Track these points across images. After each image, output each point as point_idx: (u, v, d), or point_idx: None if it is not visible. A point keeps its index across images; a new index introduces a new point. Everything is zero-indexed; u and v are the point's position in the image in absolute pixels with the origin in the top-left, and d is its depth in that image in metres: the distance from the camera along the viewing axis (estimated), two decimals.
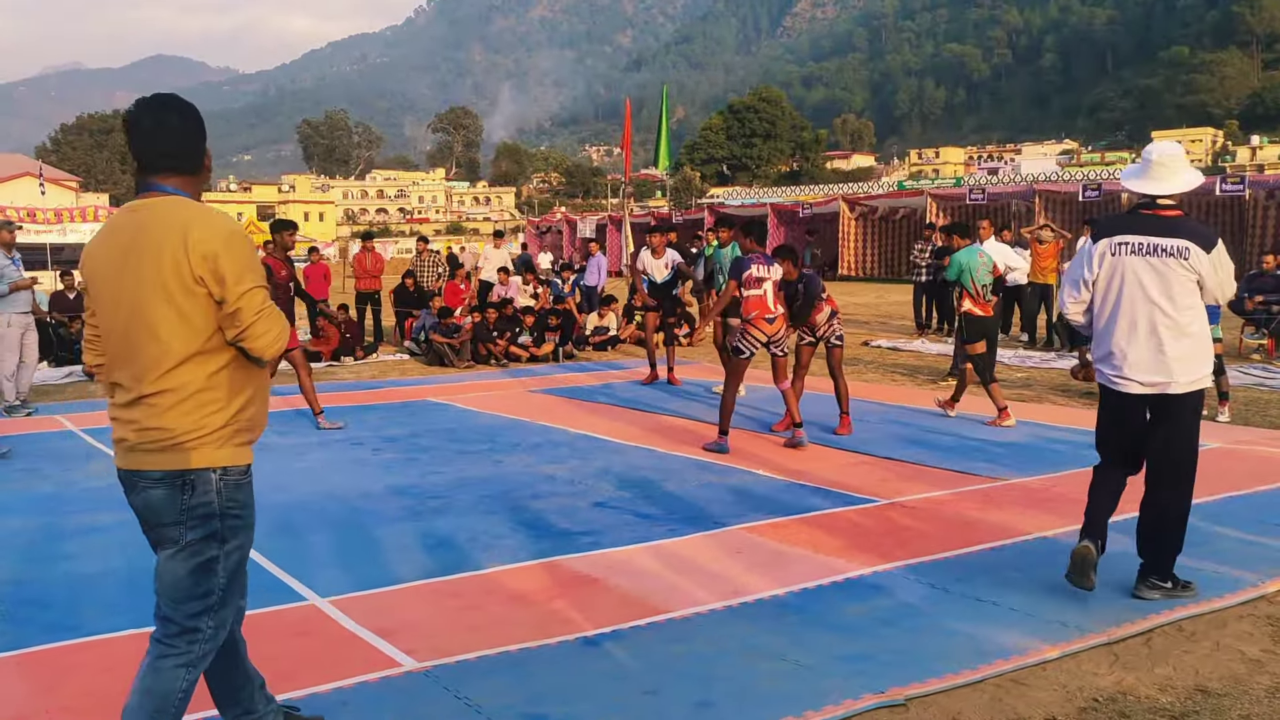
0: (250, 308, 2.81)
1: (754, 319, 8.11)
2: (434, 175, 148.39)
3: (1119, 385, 4.61)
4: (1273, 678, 3.78)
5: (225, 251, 2.79)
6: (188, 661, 2.87)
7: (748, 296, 8.14)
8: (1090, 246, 4.75)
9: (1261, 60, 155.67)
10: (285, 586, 4.93)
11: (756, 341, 8.16)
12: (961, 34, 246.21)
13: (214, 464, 2.84)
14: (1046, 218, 27.55)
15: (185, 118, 2.96)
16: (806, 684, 3.76)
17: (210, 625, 2.90)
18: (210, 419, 2.83)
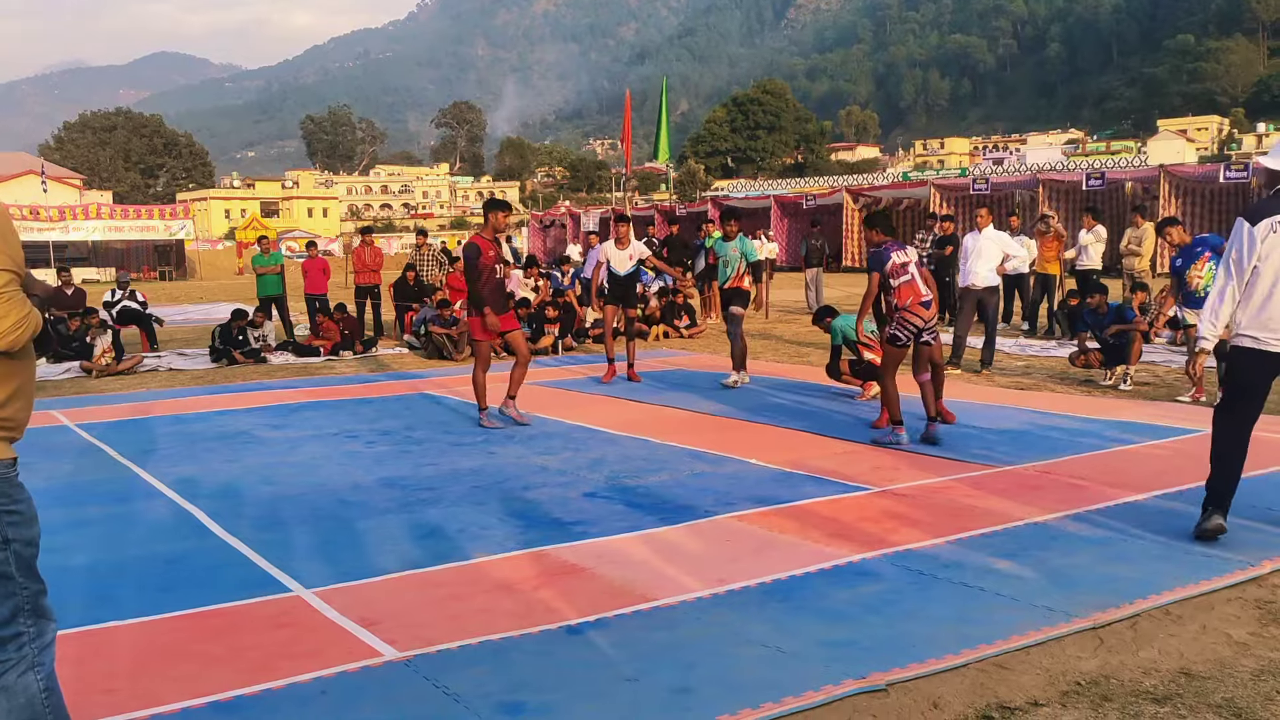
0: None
1: (910, 305, 7.74)
2: (438, 170, 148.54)
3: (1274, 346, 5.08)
4: (1258, 660, 3.75)
5: None
6: (28, 665, 2.68)
7: (898, 285, 7.79)
8: (1248, 229, 5.08)
9: (1268, 48, 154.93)
10: (270, 578, 4.92)
11: (912, 328, 7.79)
12: (966, 24, 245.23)
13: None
14: (1049, 208, 27.45)
15: None
16: (788, 670, 3.74)
17: (30, 624, 2.69)
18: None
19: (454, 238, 74.62)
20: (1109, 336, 10.59)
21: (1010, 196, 31.68)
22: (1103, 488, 6.24)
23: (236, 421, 9.54)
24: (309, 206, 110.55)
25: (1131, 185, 29.65)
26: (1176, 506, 5.80)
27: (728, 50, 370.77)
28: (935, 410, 7.96)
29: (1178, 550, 4.99)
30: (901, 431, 7.77)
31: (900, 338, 7.82)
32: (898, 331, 7.81)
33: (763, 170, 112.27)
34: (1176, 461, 6.94)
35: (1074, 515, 5.65)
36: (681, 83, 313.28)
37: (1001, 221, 17.12)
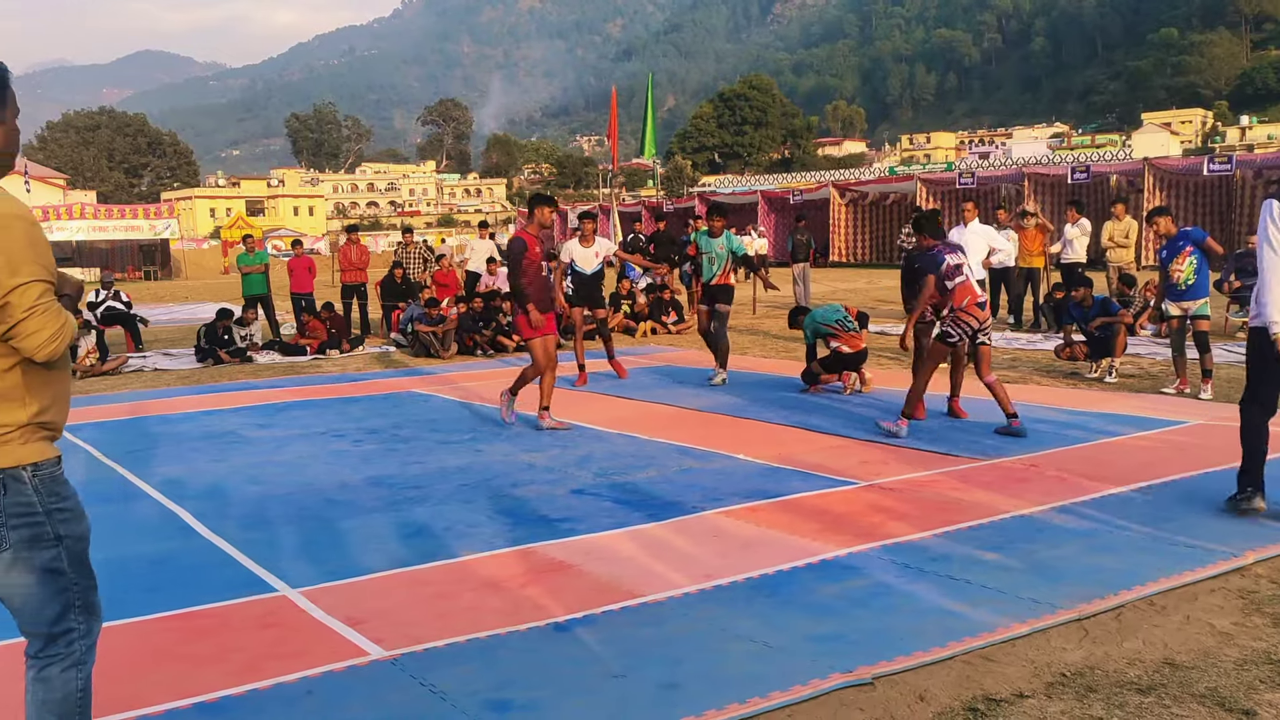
0: (21, 303, 2.52)
1: (966, 305, 7.85)
2: (424, 168, 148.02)
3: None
4: (1241, 650, 3.77)
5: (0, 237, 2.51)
6: (73, 662, 2.71)
7: (954, 287, 7.87)
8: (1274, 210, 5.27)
9: (1250, 41, 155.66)
10: (256, 578, 4.91)
11: (968, 329, 7.89)
12: (951, 19, 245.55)
13: (22, 461, 2.61)
14: (1035, 202, 27.52)
15: None
16: (775, 665, 3.74)
17: (80, 621, 2.72)
18: (13, 416, 2.60)
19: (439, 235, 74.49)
20: (1094, 329, 10.63)
21: (996, 190, 31.77)
22: (1088, 480, 6.26)
23: (222, 421, 9.51)
24: (295, 205, 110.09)
25: (1116, 178, 29.76)
26: (1162, 498, 5.83)
27: (714, 46, 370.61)
28: (1012, 408, 7.83)
29: (1162, 541, 5.01)
30: (905, 424, 7.81)
31: (953, 335, 7.90)
32: (950, 329, 7.90)
33: (750, 166, 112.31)
34: (1162, 453, 6.98)
35: (1060, 507, 5.68)
36: (668, 79, 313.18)
37: (988, 215, 17.18)
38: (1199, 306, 9.41)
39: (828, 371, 10.09)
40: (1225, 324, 14.04)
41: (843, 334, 9.97)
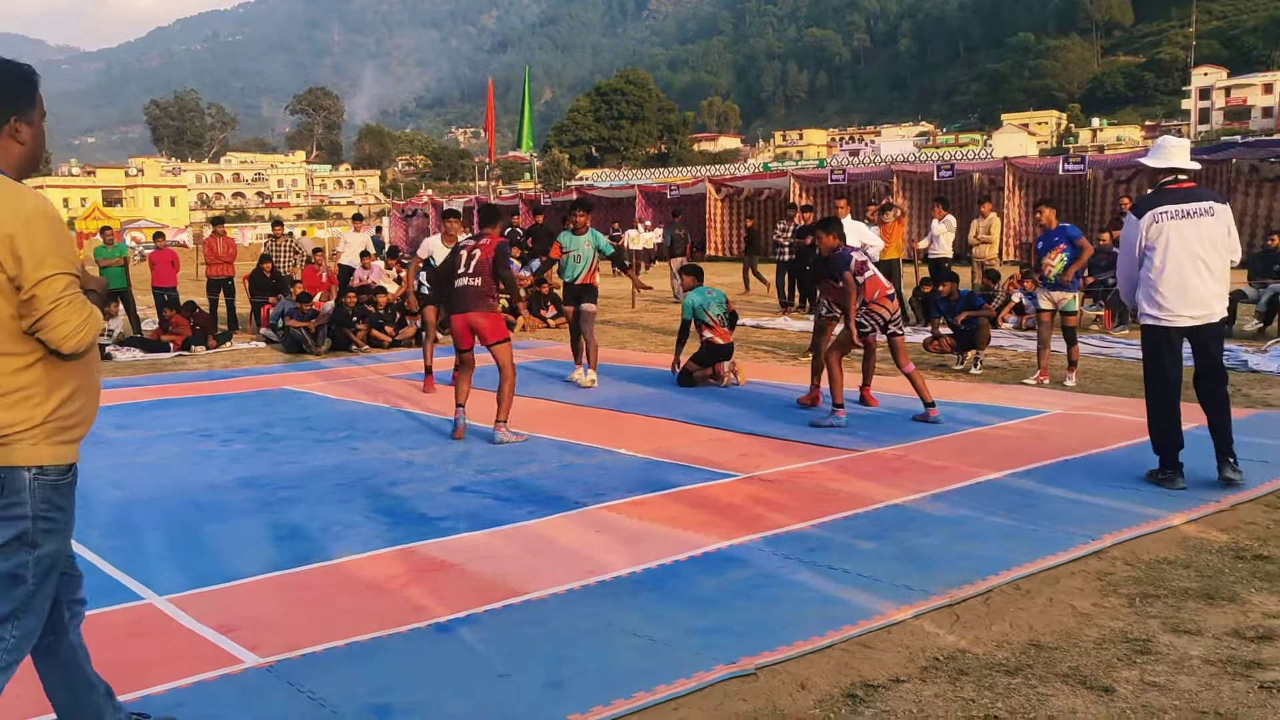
0: (47, 295, 2.57)
1: (878, 298, 8.21)
2: (293, 158, 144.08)
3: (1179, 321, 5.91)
4: (1100, 630, 3.96)
5: (24, 231, 2.57)
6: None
7: (865, 281, 8.20)
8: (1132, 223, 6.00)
9: (1101, 47, 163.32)
10: (120, 586, 4.70)
11: (880, 320, 8.23)
12: (822, 18, 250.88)
13: (30, 462, 2.61)
14: (902, 198, 28.34)
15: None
16: (660, 658, 3.77)
17: (14, 634, 2.65)
18: (27, 413, 2.60)
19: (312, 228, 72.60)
20: (960, 323, 11.00)
21: (866, 187, 32.58)
22: (958, 468, 6.48)
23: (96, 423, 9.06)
24: (155, 195, 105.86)
25: (979, 176, 30.85)
26: (1025, 484, 6.07)
27: (590, 40, 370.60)
28: (930, 397, 8.16)
29: (1026, 527, 5.23)
30: (842, 414, 7.99)
31: (866, 326, 8.24)
32: (864, 320, 8.23)
33: (627, 160, 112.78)
34: (1025, 442, 7.27)
35: (931, 496, 5.86)
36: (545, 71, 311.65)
37: (859, 212, 17.63)
38: (1068, 302, 9.86)
39: (701, 365, 10.20)
40: (1080, 317, 14.70)
41: (717, 326, 10.14)
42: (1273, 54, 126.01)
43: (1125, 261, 6.15)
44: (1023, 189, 29.31)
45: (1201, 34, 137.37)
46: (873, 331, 8.33)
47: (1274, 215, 24.62)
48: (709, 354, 10.17)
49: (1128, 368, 10.73)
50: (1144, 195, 6.13)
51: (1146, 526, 5.19)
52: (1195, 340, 5.99)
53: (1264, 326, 13.08)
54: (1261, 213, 24.68)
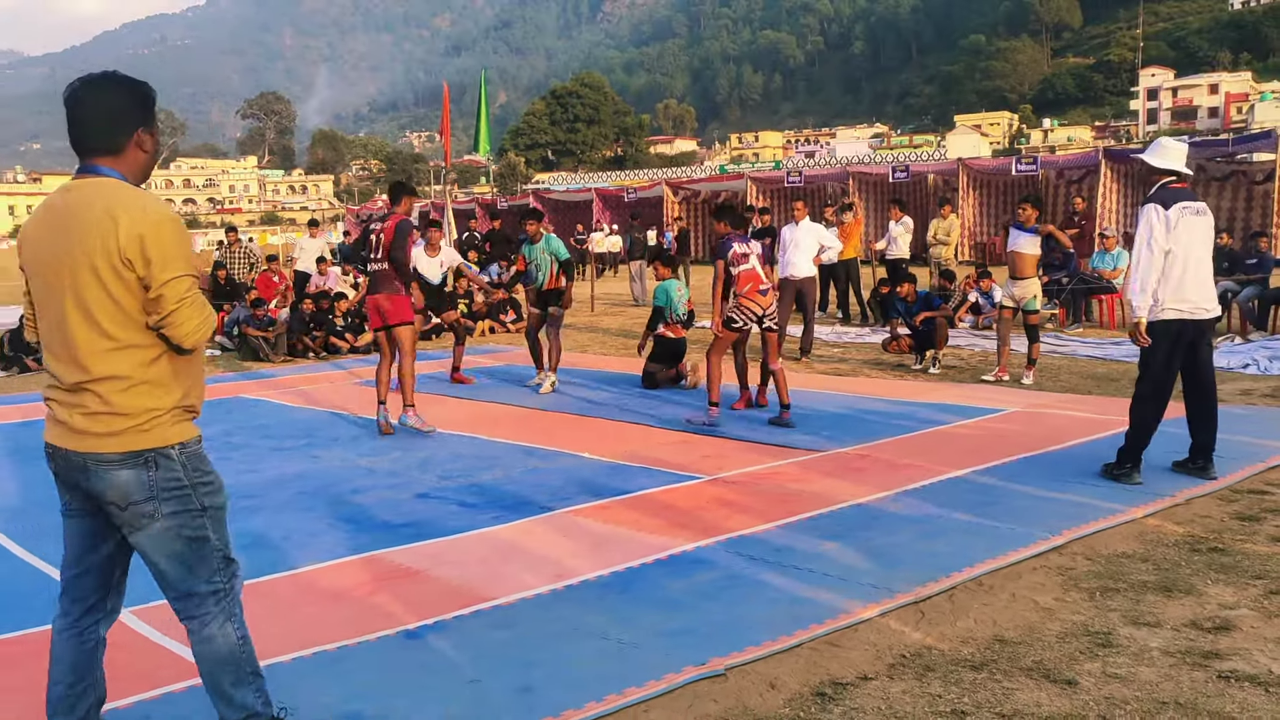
0: (173, 295, 2.78)
1: (748, 292, 8.05)
2: (245, 163, 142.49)
3: (1201, 314, 6.06)
4: (1062, 624, 4.02)
5: (153, 234, 2.77)
6: (227, 614, 2.99)
7: (738, 273, 8.09)
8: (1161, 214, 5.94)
9: (1051, 48, 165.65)
10: None
11: (751, 315, 8.09)
12: (776, 21, 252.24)
13: (171, 441, 2.88)
14: (859, 199, 28.60)
15: (119, 96, 2.91)
16: (629, 661, 3.77)
17: (224, 580, 3.01)
18: (161, 400, 2.86)
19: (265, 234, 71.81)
20: (918, 323, 11.12)
21: (823, 189, 32.83)
22: (919, 467, 6.55)
23: (32, 434, 8.88)
24: None
25: (934, 178, 31.21)
26: (987, 482, 6.15)
27: (544, 43, 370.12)
28: (788, 399, 8.14)
29: (987, 524, 5.30)
30: (715, 413, 8.01)
31: (736, 320, 8.10)
32: (734, 315, 8.11)
33: (583, 163, 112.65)
34: (985, 440, 7.36)
35: (894, 495, 5.92)
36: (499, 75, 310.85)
37: (816, 214, 17.74)
38: (1029, 300, 9.99)
39: (660, 364, 10.25)
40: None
41: (672, 324, 10.38)
42: (1217, 55, 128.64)
43: (1149, 255, 5.93)
44: (977, 189, 29.69)
45: (1148, 36, 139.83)
46: (744, 326, 8.20)
47: (1220, 213, 25.12)
48: (664, 351, 10.27)
49: (1083, 365, 10.91)
50: (1157, 190, 6.09)
51: (1105, 521, 5.29)
52: (1200, 337, 6.14)
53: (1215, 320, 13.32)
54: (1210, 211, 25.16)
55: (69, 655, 3.06)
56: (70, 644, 3.05)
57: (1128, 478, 6.02)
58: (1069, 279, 14.30)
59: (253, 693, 3.04)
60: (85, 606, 3.07)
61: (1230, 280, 13.41)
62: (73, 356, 2.80)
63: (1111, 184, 25.66)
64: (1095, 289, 14.32)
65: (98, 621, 3.10)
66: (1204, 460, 6.14)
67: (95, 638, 3.10)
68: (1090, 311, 14.53)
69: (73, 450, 2.85)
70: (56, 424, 2.89)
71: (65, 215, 2.82)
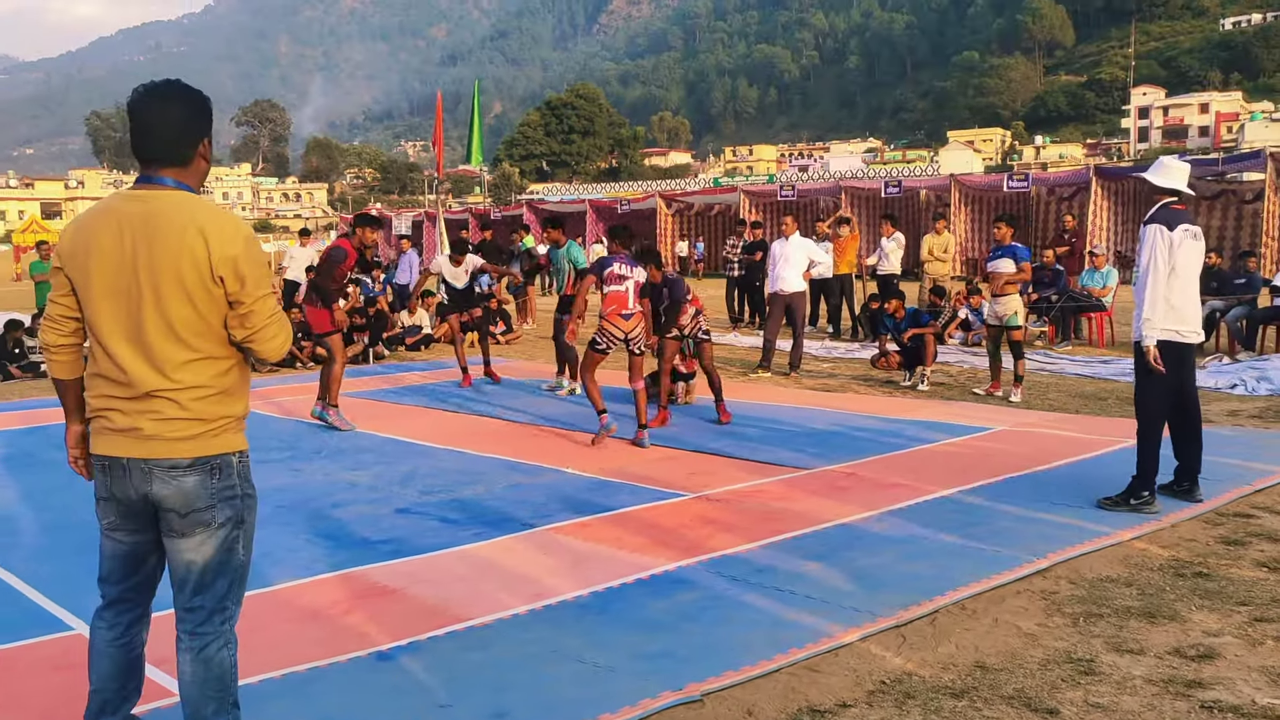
0: (264, 311, 2.91)
1: (610, 314, 8.14)
2: (239, 170, 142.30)
3: (1193, 338, 6.02)
4: (1045, 650, 3.97)
5: (245, 253, 2.86)
6: (225, 640, 3.00)
7: (608, 293, 8.16)
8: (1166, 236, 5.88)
9: (1044, 66, 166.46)
10: (49, 615, 4.55)
11: (613, 337, 8.15)
12: (772, 35, 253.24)
13: (234, 448, 2.98)
14: (851, 214, 28.59)
15: (185, 106, 2.93)
16: (604, 685, 3.71)
17: (234, 601, 3.04)
18: (233, 408, 2.96)
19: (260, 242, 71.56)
20: (907, 340, 11.09)
21: (816, 203, 32.85)
22: (905, 486, 6.50)
23: (12, 443, 8.83)
24: None
25: (926, 193, 31.25)
26: (972, 502, 6.10)
27: (540, 54, 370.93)
28: (645, 420, 8.15)
29: (971, 546, 5.24)
30: (605, 420, 8.10)
31: (600, 343, 8.24)
32: (597, 337, 8.24)
33: (578, 174, 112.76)
34: (972, 459, 7.31)
35: (879, 515, 5.87)
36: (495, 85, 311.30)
37: (808, 229, 17.75)
38: (1010, 317, 9.99)
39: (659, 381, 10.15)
40: (1024, 333, 14.89)
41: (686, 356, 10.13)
42: (1208, 75, 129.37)
43: (1158, 276, 5.83)
44: (969, 205, 29.72)
45: (1140, 55, 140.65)
46: (605, 347, 8.26)
47: (1210, 233, 25.18)
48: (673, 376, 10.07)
49: (1071, 384, 10.88)
50: (1160, 210, 6.04)
51: (1089, 544, 5.24)
52: (1187, 360, 6.11)
53: (1202, 344, 13.31)
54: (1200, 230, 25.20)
55: (118, 664, 3.11)
56: (119, 654, 3.10)
57: (1148, 506, 5.83)
58: (1058, 296, 14.29)
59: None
60: (132, 618, 3.12)
61: (1219, 300, 13.42)
62: (150, 365, 2.83)
63: (1102, 202, 25.70)
64: (1085, 307, 14.31)
65: (142, 630, 3.17)
66: (1189, 483, 6.09)
67: (140, 644, 3.18)
68: (1079, 329, 14.52)
69: (136, 458, 2.87)
70: (116, 434, 2.89)
71: (145, 227, 2.82)
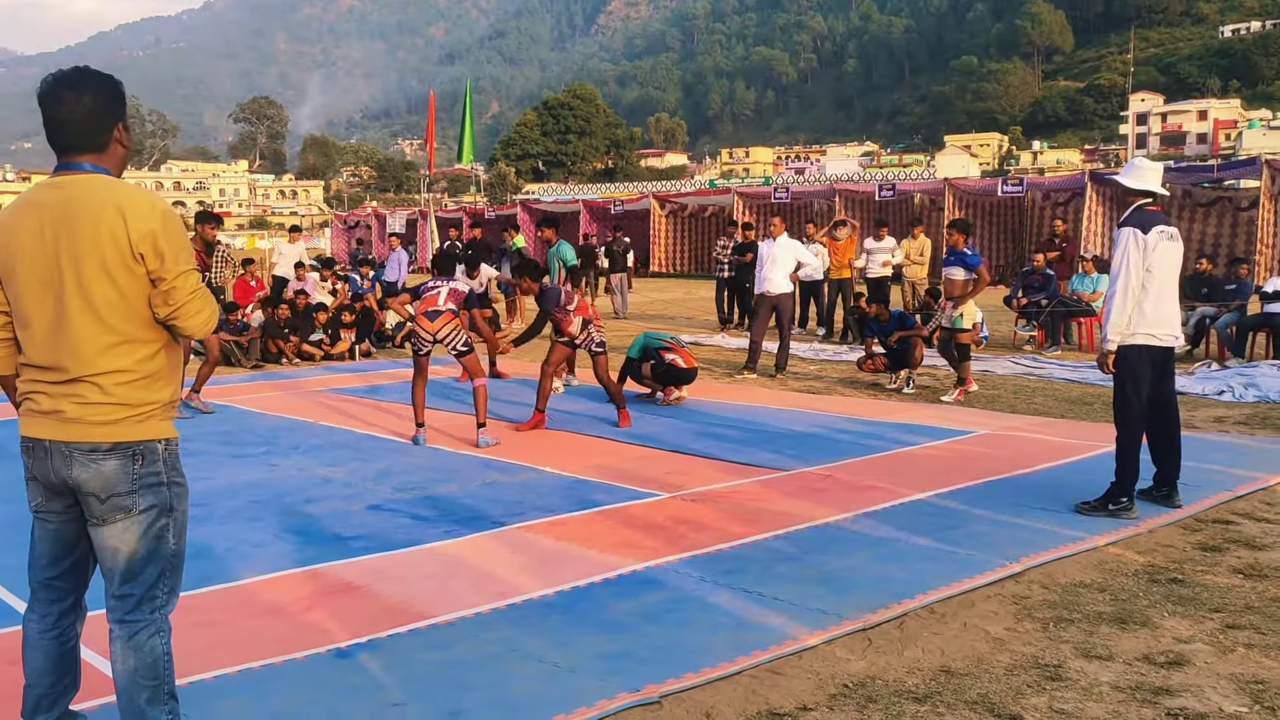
0: (185, 287, 2.85)
1: (417, 316, 8.30)
2: (236, 167, 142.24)
3: (1171, 342, 5.95)
4: (1012, 655, 3.91)
5: (163, 229, 2.83)
6: (157, 628, 2.94)
7: (424, 295, 8.34)
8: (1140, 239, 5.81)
9: (1042, 71, 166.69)
10: (9, 609, 4.49)
11: (423, 341, 8.21)
12: (770, 38, 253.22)
13: (160, 435, 2.92)
14: (846, 216, 28.54)
15: (97, 94, 2.89)
16: (563, 686, 3.65)
17: (165, 589, 2.97)
18: (159, 393, 2.91)
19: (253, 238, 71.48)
20: (893, 343, 11.04)
21: (810, 205, 32.81)
22: (882, 489, 6.45)
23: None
24: None
25: (920, 197, 31.22)
26: (949, 505, 6.05)
27: (538, 54, 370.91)
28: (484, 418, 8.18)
29: (945, 550, 5.19)
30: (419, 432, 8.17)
31: (416, 344, 8.32)
32: (412, 339, 8.37)
33: (574, 174, 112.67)
34: (951, 462, 7.26)
35: (853, 517, 5.81)
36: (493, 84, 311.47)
37: (798, 230, 17.69)
38: (956, 318, 10.13)
39: (660, 382, 10.07)
40: (1014, 338, 14.87)
41: (677, 348, 10.14)
42: (1207, 82, 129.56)
43: (1127, 280, 5.77)
44: (963, 209, 29.67)
45: (1139, 61, 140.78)
46: (426, 354, 8.31)
47: (1205, 239, 25.17)
48: (668, 375, 10.01)
49: (1059, 388, 10.84)
50: (1134, 212, 5.96)
51: (1065, 549, 5.18)
52: (1165, 365, 6.00)
53: (1192, 349, 13.29)
54: (1194, 237, 25.20)
55: (51, 657, 3.06)
56: (51, 646, 3.05)
57: (1127, 512, 5.76)
58: (1048, 301, 14.25)
59: (166, 714, 2.97)
60: (63, 608, 3.06)
61: (1209, 306, 13.39)
62: (73, 351, 2.81)
63: (1097, 207, 25.65)
64: (1074, 311, 14.27)
65: (75, 621, 3.10)
66: (1168, 488, 6.04)
67: (74, 636, 3.11)
68: (1069, 334, 14.48)
69: (59, 440, 2.85)
70: (40, 416, 2.88)
71: (64, 211, 2.81)
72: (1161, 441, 6.07)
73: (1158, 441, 6.08)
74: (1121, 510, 5.79)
